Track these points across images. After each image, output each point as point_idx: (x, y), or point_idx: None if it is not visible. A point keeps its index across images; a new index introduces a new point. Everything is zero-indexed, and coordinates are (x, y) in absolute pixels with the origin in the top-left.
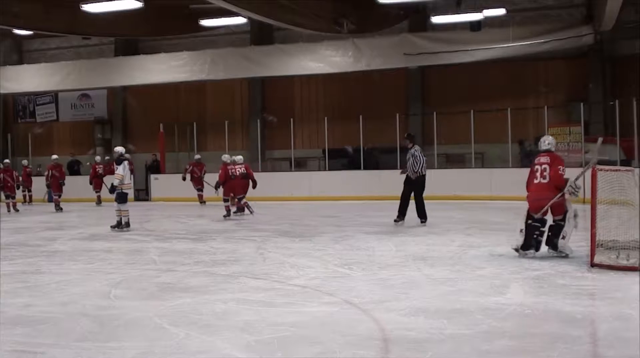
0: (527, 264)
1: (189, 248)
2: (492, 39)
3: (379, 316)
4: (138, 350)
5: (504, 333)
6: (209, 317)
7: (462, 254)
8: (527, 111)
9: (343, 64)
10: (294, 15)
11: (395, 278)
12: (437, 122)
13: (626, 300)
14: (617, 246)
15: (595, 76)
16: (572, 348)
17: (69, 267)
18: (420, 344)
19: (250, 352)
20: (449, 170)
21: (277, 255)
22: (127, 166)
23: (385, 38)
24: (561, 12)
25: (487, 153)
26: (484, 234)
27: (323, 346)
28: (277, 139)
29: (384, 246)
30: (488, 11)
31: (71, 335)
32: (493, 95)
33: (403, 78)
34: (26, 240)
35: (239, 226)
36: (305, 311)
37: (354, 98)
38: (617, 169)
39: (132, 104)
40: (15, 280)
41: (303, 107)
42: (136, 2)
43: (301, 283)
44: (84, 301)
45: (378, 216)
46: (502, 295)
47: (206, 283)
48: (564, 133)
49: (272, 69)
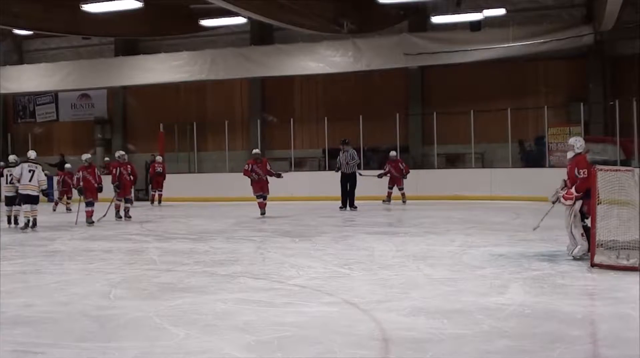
0: (527, 264)
1: (189, 248)
2: (492, 39)
3: (379, 316)
4: (138, 350)
5: (504, 333)
6: (209, 317)
7: (462, 254)
8: (527, 111)
9: (343, 64)
10: (294, 15)
11: (395, 278)
12: (437, 122)
13: (626, 300)
14: (617, 246)
15: (595, 76)
16: (572, 348)
17: (69, 267)
18: (420, 344)
19: (250, 352)
20: (449, 170)
21: (277, 255)
22: (25, 168)
23: (385, 38)
24: (561, 12)
25: (487, 153)
26: (484, 234)
27: (323, 346)
28: (277, 139)
29: (384, 246)
30: (488, 11)
31: (71, 335)
32: (493, 95)
33: (403, 78)
34: (26, 240)
35: (239, 226)
36: (305, 311)
37: (354, 98)
38: (617, 169)
39: (132, 104)
40: (15, 280)
41: (303, 107)
42: (136, 2)
43: (301, 283)
44: (84, 301)
45: (378, 216)
46: (502, 295)
47: (206, 283)
48: (564, 133)
49: (272, 69)
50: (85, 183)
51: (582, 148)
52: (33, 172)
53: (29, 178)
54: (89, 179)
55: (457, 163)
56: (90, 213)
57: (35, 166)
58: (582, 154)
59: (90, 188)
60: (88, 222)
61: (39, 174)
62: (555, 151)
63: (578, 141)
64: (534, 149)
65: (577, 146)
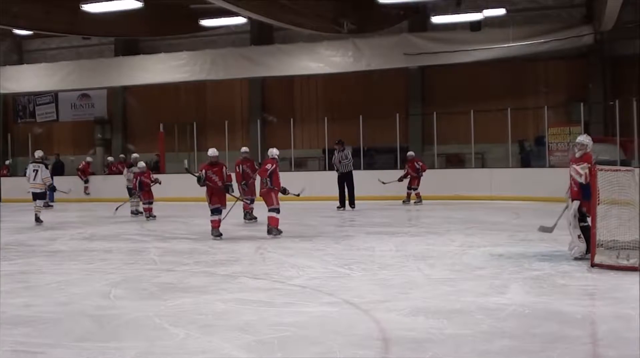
0: (527, 264)
1: (189, 248)
2: (492, 39)
3: (379, 316)
4: (138, 350)
5: (504, 333)
6: (209, 317)
7: (462, 254)
8: (527, 111)
9: (343, 64)
10: (294, 15)
11: (395, 278)
12: (437, 122)
13: (626, 300)
14: (617, 246)
15: (595, 76)
16: (572, 348)
17: (69, 267)
18: (420, 344)
19: (250, 352)
20: (449, 170)
21: (277, 255)
22: (31, 167)
23: (385, 38)
24: (561, 12)
25: (487, 153)
26: (484, 234)
27: (323, 346)
28: (277, 139)
29: (384, 246)
30: (488, 11)
31: (71, 335)
32: (493, 95)
33: (403, 78)
34: (26, 240)
35: (239, 226)
36: (305, 311)
37: (354, 98)
38: (617, 169)
39: (132, 104)
40: (15, 280)
41: (303, 107)
42: (136, 2)
43: (301, 283)
44: (84, 301)
45: (378, 216)
46: (502, 295)
47: (206, 283)
48: (564, 133)
49: (272, 69)
50: (211, 185)
51: (591, 147)
52: (37, 171)
53: (33, 177)
54: (215, 181)
55: (457, 163)
56: (218, 223)
57: (39, 165)
58: (589, 153)
59: (216, 191)
60: (215, 234)
61: (42, 172)
62: (555, 151)
63: (589, 140)
64: (534, 149)
65: (590, 145)
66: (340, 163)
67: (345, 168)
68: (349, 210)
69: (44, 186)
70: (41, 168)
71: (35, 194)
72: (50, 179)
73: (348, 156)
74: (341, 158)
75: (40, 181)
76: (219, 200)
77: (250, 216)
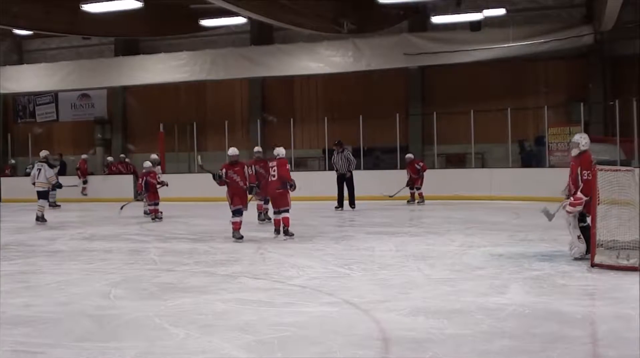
0: (527, 264)
1: (189, 248)
2: (492, 39)
3: (379, 316)
4: (138, 350)
5: (504, 333)
6: (209, 317)
7: (462, 254)
8: (527, 111)
9: (343, 64)
10: (294, 15)
11: (395, 278)
12: (437, 122)
13: (626, 300)
14: (617, 246)
15: (595, 76)
16: (572, 348)
17: (69, 267)
18: (420, 344)
19: (250, 352)
20: (449, 170)
21: (277, 255)
22: (35, 167)
23: (385, 38)
24: (561, 12)
25: (487, 153)
26: (484, 234)
27: (323, 346)
28: (277, 139)
29: (384, 246)
30: (488, 11)
31: (71, 335)
32: (493, 95)
33: (403, 78)
34: (26, 240)
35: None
36: (305, 311)
37: (354, 98)
38: (617, 169)
39: (132, 104)
40: (15, 280)
41: (303, 107)
42: (136, 2)
43: (301, 283)
44: (84, 301)
45: (378, 216)
46: (502, 295)
47: (206, 283)
48: (564, 133)
49: (272, 69)
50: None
51: (587, 145)
52: (40, 170)
53: (37, 176)
54: (237, 181)
55: (457, 163)
56: (239, 225)
57: (42, 164)
58: (587, 151)
59: (238, 191)
60: (236, 237)
61: (46, 171)
62: (555, 151)
63: (583, 138)
64: (534, 149)
65: (582, 143)
66: (340, 163)
67: (344, 169)
68: (349, 210)
69: (47, 185)
70: (44, 167)
71: (38, 193)
72: (55, 178)
73: (350, 159)
74: (341, 159)
75: (44, 180)
76: (240, 201)
77: (264, 217)
